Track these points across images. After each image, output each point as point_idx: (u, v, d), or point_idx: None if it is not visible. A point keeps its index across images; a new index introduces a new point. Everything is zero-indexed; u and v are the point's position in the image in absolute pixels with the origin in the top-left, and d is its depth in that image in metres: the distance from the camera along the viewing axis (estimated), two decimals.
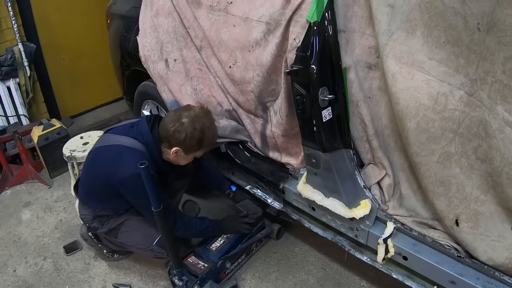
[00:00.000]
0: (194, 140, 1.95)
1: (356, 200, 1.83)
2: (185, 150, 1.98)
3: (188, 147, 1.96)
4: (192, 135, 1.93)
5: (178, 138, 1.93)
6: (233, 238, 2.35)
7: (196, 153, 2.04)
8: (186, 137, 1.92)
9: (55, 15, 3.78)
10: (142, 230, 2.14)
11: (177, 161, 2.06)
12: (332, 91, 1.67)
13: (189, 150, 1.99)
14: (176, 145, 1.96)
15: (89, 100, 4.30)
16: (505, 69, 1.31)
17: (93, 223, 2.18)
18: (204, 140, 1.97)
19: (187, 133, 1.92)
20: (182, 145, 1.95)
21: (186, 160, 2.07)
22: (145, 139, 1.98)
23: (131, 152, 1.93)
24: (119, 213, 2.17)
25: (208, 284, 2.11)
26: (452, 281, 1.60)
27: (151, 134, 1.99)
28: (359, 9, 1.63)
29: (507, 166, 1.38)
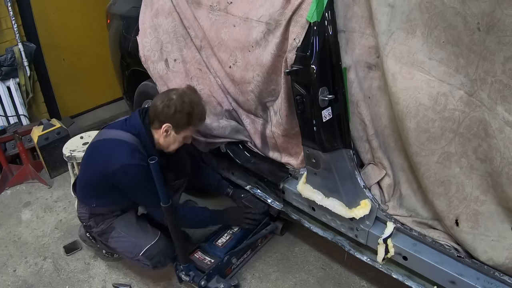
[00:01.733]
0: (184, 114, 1.94)
1: (356, 200, 1.83)
2: (175, 126, 1.97)
3: (177, 122, 1.96)
4: (182, 108, 1.93)
5: (168, 113, 1.94)
6: (238, 234, 2.36)
7: (186, 131, 2.02)
8: (175, 111, 1.93)
9: (55, 15, 3.78)
10: (131, 238, 2.15)
11: (167, 144, 2.05)
12: (332, 91, 1.67)
13: (179, 126, 1.98)
14: (166, 121, 1.95)
15: (89, 100, 4.30)
16: (505, 69, 1.31)
17: (89, 221, 2.19)
18: (193, 114, 1.97)
19: (176, 106, 1.93)
20: (171, 120, 1.95)
21: (176, 143, 2.06)
22: (138, 130, 2.01)
23: (123, 144, 1.96)
24: (114, 213, 2.16)
25: (214, 280, 2.13)
26: (452, 281, 1.59)
27: (143, 126, 2.01)
28: (359, 9, 1.63)
29: (507, 166, 1.38)
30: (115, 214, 2.17)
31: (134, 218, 2.24)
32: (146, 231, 2.20)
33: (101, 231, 2.18)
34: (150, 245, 2.12)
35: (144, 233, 2.18)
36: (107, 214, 2.17)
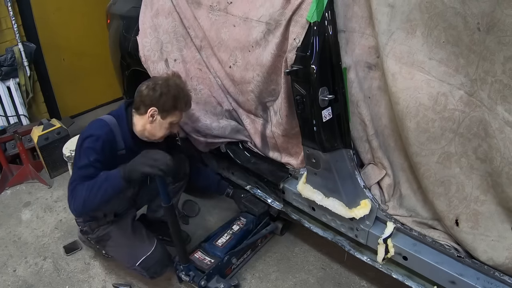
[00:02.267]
0: (170, 96, 1.93)
1: (356, 200, 1.83)
2: (161, 110, 1.94)
3: (163, 105, 1.93)
4: (167, 91, 1.92)
5: (153, 96, 1.92)
6: (239, 233, 2.36)
7: (172, 115, 1.98)
8: (161, 93, 1.92)
9: (55, 15, 3.78)
10: (127, 249, 2.12)
11: (154, 131, 2.01)
12: (332, 91, 1.68)
13: (165, 110, 1.95)
14: (151, 104, 1.93)
15: (89, 100, 4.30)
16: (505, 69, 1.31)
17: (85, 226, 2.15)
18: (179, 97, 1.96)
19: (162, 89, 1.92)
20: (157, 103, 1.93)
21: (163, 129, 2.01)
22: (119, 114, 2.02)
23: (96, 121, 1.98)
24: (108, 218, 2.12)
25: (214, 279, 2.13)
26: (452, 281, 1.60)
27: (124, 110, 2.03)
28: (359, 9, 1.63)
29: (507, 166, 1.38)
30: (108, 219, 2.12)
31: (130, 226, 2.19)
32: (142, 240, 2.15)
33: (98, 238, 2.15)
34: (146, 256, 2.09)
35: (140, 243, 2.14)
36: (101, 220, 2.12)
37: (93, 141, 1.87)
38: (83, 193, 1.79)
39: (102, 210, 2.10)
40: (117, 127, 1.97)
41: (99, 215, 2.11)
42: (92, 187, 1.79)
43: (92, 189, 1.79)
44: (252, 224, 2.41)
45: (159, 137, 2.04)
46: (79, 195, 1.80)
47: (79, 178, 1.83)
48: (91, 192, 1.79)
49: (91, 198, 1.79)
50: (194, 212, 2.82)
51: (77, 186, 1.82)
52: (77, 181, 1.83)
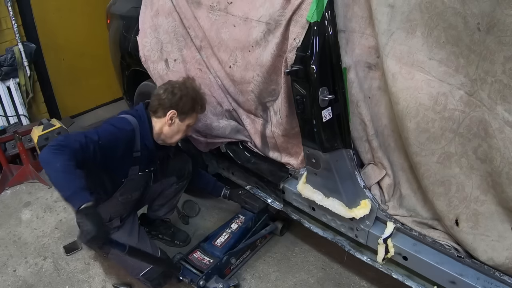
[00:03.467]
0: (189, 98, 1.98)
1: (356, 200, 1.83)
2: (180, 113, 1.99)
3: (183, 107, 1.98)
4: (186, 93, 1.98)
5: (172, 99, 1.96)
6: (237, 232, 2.36)
7: (189, 118, 2.03)
8: (181, 96, 1.96)
9: (55, 15, 3.78)
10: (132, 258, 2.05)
11: (171, 134, 2.04)
12: (332, 91, 1.68)
13: (183, 113, 2.00)
14: (171, 108, 1.97)
15: (89, 100, 4.30)
16: (505, 69, 1.31)
17: None
18: (198, 99, 2.02)
19: (181, 91, 1.97)
20: (176, 106, 1.97)
21: (180, 133, 2.05)
22: (139, 113, 2.01)
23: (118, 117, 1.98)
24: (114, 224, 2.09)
25: (213, 280, 2.13)
26: (452, 281, 1.60)
27: (145, 111, 2.03)
28: (359, 9, 1.63)
29: (507, 166, 1.38)
30: (115, 225, 2.10)
31: (136, 235, 2.16)
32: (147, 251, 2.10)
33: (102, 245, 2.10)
34: (150, 267, 2.06)
35: None
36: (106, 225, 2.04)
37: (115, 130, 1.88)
38: (56, 164, 1.61)
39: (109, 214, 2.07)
40: (138, 129, 1.97)
41: (105, 219, 2.05)
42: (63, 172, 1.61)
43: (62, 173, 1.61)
44: (251, 221, 2.41)
45: (175, 141, 2.09)
46: (54, 159, 1.62)
47: (77, 143, 1.69)
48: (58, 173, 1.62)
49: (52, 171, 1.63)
50: (194, 212, 2.81)
51: (64, 149, 1.64)
52: (70, 144, 1.67)
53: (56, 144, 1.66)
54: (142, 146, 1.99)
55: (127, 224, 2.16)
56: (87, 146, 1.73)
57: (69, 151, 1.66)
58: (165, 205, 2.43)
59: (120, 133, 1.89)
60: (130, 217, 2.20)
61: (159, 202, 2.41)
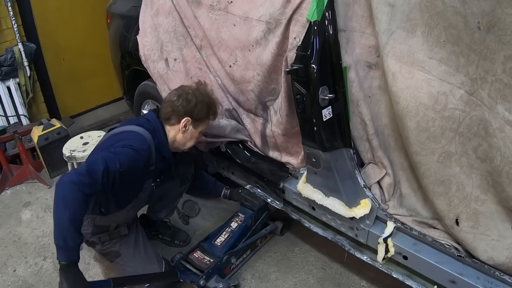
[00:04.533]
0: (204, 105, 1.97)
1: (356, 199, 1.83)
2: (194, 120, 1.97)
3: (198, 114, 1.96)
4: (202, 99, 1.96)
5: (187, 106, 1.94)
6: (237, 231, 2.36)
7: (203, 124, 2.03)
8: (197, 102, 1.94)
9: (55, 15, 3.78)
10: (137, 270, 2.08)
11: (184, 141, 2.02)
12: (332, 90, 1.68)
13: (198, 120, 1.98)
14: (186, 115, 1.95)
15: (89, 100, 4.30)
16: (505, 68, 1.31)
17: (93, 237, 2.06)
18: (212, 106, 2.01)
19: (197, 98, 1.95)
20: (192, 113, 1.95)
21: (193, 139, 2.04)
22: (153, 125, 1.93)
23: (133, 134, 1.84)
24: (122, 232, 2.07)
25: (213, 279, 2.13)
26: (453, 280, 1.59)
27: (158, 120, 1.97)
28: (359, 8, 1.63)
29: (507, 165, 1.38)
30: (122, 233, 2.08)
31: (142, 246, 2.15)
32: (152, 263, 2.10)
33: (106, 252, 2.11)
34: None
35: (150, 266, 2.09)
36: (113, 233, 2.06)
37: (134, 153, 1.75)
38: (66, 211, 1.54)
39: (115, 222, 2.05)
40: (153, 143, 1.89)
41: (112, 226, 2.05)
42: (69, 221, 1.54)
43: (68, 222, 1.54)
44: (250, 219, 2.41)
45: (188, 147, 2.07)
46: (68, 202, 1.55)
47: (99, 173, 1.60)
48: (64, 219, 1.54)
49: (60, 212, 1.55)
50: (194, 212, 2.81)
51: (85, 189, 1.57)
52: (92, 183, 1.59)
53: (78, 182, 1.56)
54: (158, 159, 1.94)
55: (131, 234, 2.14)
56: (107, 178, 1.63)
57: (89, 190, 1.59)
58: (166, 207, 2.43)
59: (139, 156, 1.78)
60: (134, 225, 2.19)
61: (160, 204, 2.40)
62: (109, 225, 2.05)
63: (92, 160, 1.67)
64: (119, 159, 1.67)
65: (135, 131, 1.86)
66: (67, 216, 1.53)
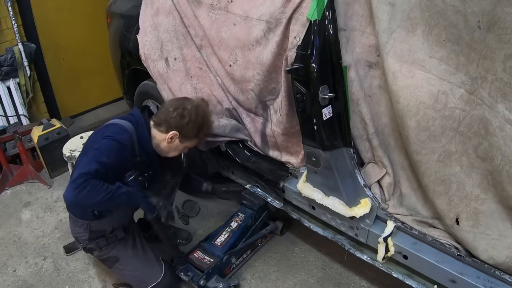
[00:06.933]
0: (196, 126, 1.96)
1: (356, 198, 1.82)
2: (182, 136, 1.97)
3: (186, 132, 1.96)
4: (195, 120, 1.95)
5: (180, 121, 1.94)
6: (237, 231, 2.36)
7: (190, 142, 2.03)
8: (189, 121, 1.94)
9: (55, 15, 3.78)
10: (137, 273, 2.08)
11: (167, 150, 2.03)
12: (333, 89, 1.67)
13: (185, 137, 1.98)
14: (175, 129, 1.95)
15: (89, 100, 4.30)
16: (505, 67, 1.31)
17: (90, 244, 2.06)
18: (204, 128, 2.00)
19: (191, 117, 1.94)
20: (181, 129, 1.95)
21: (176, 151, 2.05)
22: (136, 118, 1.98)
23: (113, 125, 1.92)
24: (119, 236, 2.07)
25: (213, 279, 2.13)
26: (453, 280, 1.59)
27: (142, 115, 2.00)
28: (360, 7, 1.64)
29: (507, 165, 1.38)
30: (119, 236, 2.07)
31: (140, 249, 2.14)
32: (152, 265, 2.11)
33: (105, 258, 2.10)
34: (156, 282, 2.06)
35: (150, 268, 2.10)
36: (110, 237, 2.05)
37: (116, 144, 1.83)
38: (100, 194, 1.70)
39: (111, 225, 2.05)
40: (135, 135, 1.93)
41: (108, 230, 2.05)
42: (110, 192, 1.73)
43: (112, 194, 1.73)
44: (250, 219, 2.41)
45: (170, 156, 2.08)
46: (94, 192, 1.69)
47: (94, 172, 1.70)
48: (107, 196, 1.72)
49: (102, 202, 1.73)
50: (194, 212, 2.81)
51: (89, 181, 1.68)
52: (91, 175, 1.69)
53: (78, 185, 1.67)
54: (141, 151, 1.96)
55: (129, 238, 2.13)
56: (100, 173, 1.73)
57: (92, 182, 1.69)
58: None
59: (122, 146, 1.84)
60: (130, 228, 2.18)
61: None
62: (105, 229, 2.04)
63: (81, 166, 1.76)
64: (105, 153, 1.78)
65: (117, 123, 1.94)
66: (100, 199, 1.70)
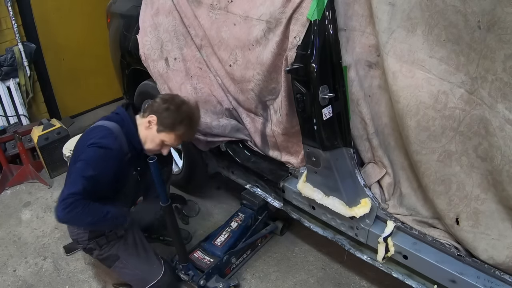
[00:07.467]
0: (172, 116, 1.90)
1: (356, 198, 1.82)
2: (159, 122, 1.91)
3: (163, 119, 1.91)
4: (174, 110, 1.91)
5: (160, 105, 1.92)
6: (237, 231, 2.36)
7: (166, 135, 1.94)
8: (167, 108, 1.90)
9: (55, 15, 3.78)
10: (137, 271, 2.08)
11: (145, 138, 1.97)
12: (333, 89, 1.67)
13: (162, 125, 1.91)
14: (155, 113, 1.92)
15: (89, 100, 4.30)
16: (505, 67, 1.31)
17: (90, 243, 2.05)
18: (182, 123, 1.92)
19: (170, 105, 1.91)
20: (159, 115, 1.91)
21: (153, 143, 1.96)
22: (121, 117, 1.97)
23: (98, 129, 1.91)
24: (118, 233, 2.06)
25: (213, 279, 2.13)
26: (453, 280, 1.59)
27: (127, 113, 1.99)
28: (360, 7, 1.64)
29: (507, 164, 1.38)
30: (119, 234, 2.07)
31: (141, 246, 2.13)
32: (152, 263, 2.11)
33: (104, 257, 2.08)
34: (156, 280, 2.06)
35: (150, 266, 2.10)
36: (109, 235, 2.05)
37: (102, 152, 1.82)
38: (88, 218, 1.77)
39: None
40: (121, 133, 1.92)
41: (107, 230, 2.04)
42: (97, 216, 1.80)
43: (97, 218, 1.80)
44: (250, 219, 2.41)
45: (148, 149, 1.99)
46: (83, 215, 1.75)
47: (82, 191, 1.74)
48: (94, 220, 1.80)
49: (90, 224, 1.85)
50: (194, 212, 2.81)
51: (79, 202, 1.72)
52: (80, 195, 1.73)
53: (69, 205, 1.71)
54: (131, 147, 1.95)
55: (129, 235, 2.12)
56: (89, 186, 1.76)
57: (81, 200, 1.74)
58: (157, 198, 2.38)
59: (110, 151, 1.83)
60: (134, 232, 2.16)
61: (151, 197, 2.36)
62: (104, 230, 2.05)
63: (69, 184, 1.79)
64: (91, 165, 1.79)
65: (101, 125, 1.93)
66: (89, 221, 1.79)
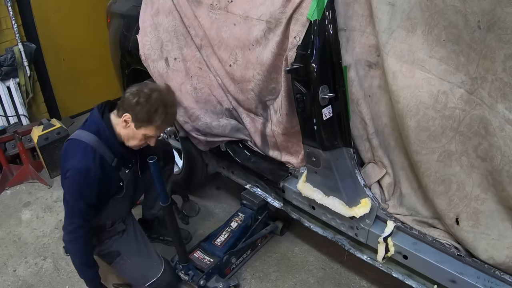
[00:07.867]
0: (145, 109, 1.78)
1: (356, 198, 1.82)
2: (134, 119, 1.81)
3: (137, 115, 1.79)
4: (145, 102, 1.78)
5: (130, 102, 1.80)
6: (237, 231, 2.36)
7: (146, 129, 1.84)
8: (138, 103, 1.78)
9: (55, 15, 3.78)
10: (137, 268, 2.08)
11: (127, 137, 1.89)
12: (333, 89, 1.67)
13: (138, 120, 1.81)
14: (127, 111, 1.81)
15: (89, 100, 4.27)
16: (505, 67, 1.31)
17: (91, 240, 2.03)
18: (156, 113, 1.80)
19: (140, 98, 1.78)
20: (132, 111, 1.79)
21: (136, 139, 1.88)
22: (97, 126, 1.87)
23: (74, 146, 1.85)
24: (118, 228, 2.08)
25: (213, 279, 2.13)
26: (453, 280, 1.59)
27: (103, 120, 1.88)
28: (360, 7, 1.63)
29: (507, 164, 1.38)
30: (120, 229, 2.08)
31: (142, 242, 2.15)
32: (152, 260, 2.11)
33: (106, 253, 2.09)
34: (157, 278, 2.06)
35: (150, 263, 2.10)
36: (111, 230, 2.06)
37: (81, 177, 1.79)
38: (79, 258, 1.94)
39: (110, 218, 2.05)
40: (99, 143, 1.85)
41: (107, 224, 2.05)
42: (80, 264, 1.95)
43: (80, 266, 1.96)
44: (250, 219, 2.41)
45: (132, 145, 1.92)
46: (77, 253, 1.93)
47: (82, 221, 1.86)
48: (79, 263, 1.95)
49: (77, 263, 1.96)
50: (194, 212, 2.81)
51: (79, 237, 1.88)
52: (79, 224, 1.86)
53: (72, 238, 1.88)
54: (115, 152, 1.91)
55: (129, 229, 2.13)
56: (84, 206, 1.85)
57: (82, 232, 1.89)
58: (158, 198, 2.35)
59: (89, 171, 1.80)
60: (130, 219, 2.18)
61: (151, 195, 2.39)
62: (104, 223, 2.05)
63: (66, 215, 1.89)
64: (77, 194, 1.83)
65: (77, 140, 1.86)
66: (77, 262, 1.94)
